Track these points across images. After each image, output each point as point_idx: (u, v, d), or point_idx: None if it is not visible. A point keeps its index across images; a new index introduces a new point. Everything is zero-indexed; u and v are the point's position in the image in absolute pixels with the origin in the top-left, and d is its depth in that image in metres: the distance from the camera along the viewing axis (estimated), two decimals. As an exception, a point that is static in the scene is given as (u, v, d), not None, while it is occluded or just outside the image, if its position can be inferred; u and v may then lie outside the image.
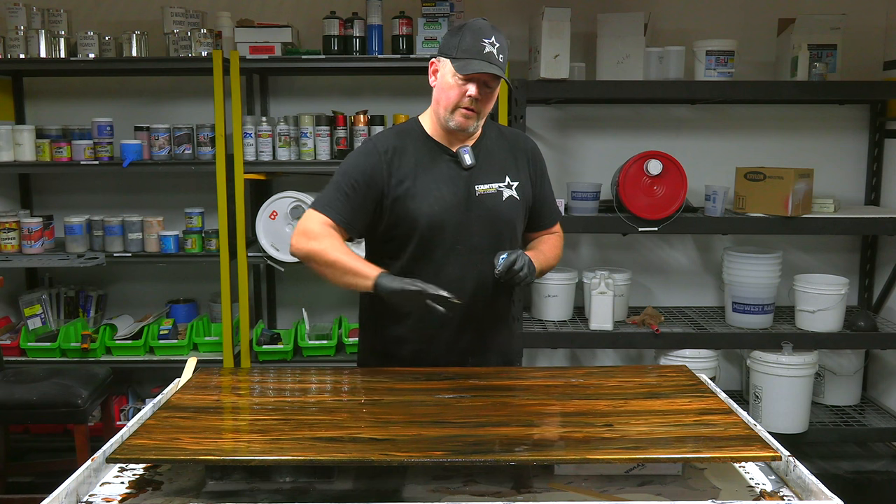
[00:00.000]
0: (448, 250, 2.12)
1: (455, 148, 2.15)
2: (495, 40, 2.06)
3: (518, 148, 2.26)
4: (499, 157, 2.20)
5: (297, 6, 4.01)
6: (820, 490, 1.48)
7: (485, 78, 2.05)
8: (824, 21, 3.77)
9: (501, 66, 2.06)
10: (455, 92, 2.06)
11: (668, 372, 2.07)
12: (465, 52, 2.04)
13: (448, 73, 2.07)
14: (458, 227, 2.11)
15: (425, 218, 2.09)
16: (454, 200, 2.11)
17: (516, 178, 2.20)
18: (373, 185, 2.11)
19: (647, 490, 1.56)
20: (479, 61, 2.02)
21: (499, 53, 2.06)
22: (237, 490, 1.56)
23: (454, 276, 2.11)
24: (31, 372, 3.33)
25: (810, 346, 3.70)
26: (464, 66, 2.03)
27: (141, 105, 4.07)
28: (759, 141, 4.08)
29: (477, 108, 2.08)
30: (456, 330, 2.15)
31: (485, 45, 2.04)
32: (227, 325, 3.77)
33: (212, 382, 2.00)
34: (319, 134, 3.71)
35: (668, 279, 4.21)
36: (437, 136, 2.16)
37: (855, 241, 4.18)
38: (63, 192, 4.16)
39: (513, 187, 2.18)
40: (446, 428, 1.63)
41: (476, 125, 2.12)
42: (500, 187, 2.16)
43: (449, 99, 2.08)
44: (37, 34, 3.68)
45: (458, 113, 2.08)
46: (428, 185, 2.11)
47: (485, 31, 2.06)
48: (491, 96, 2.09)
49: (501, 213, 2.16)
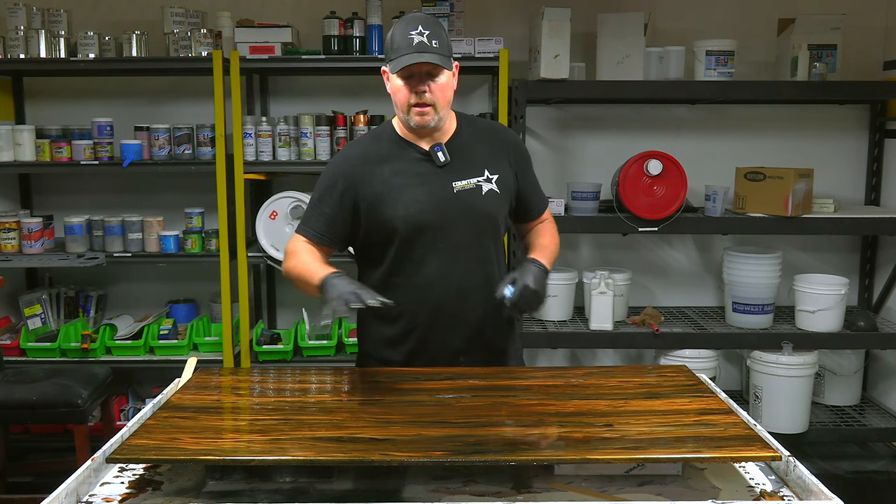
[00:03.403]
0: (429, 250, 2.09)
1: (427, 146, 2.12)
2: (423, 28, 1.99)
3: (497, 140, 2.21)
4: (476, 151, 2.15)
5: (297, 6, 4.01)
6: (820, 490, 1.48)
7: (424, 69, 2.00)
8: (824, 21, 3.77)
9: (437, 51, 1.99)
10: (402, 92, 2.04)
11: (668, 372, 2.07)
12: (395, 51, 2.01)
13: (391, 75, 2.05)
14: (437, 226, 2.09)
15: (402, 220, 2.07)
16: (431, 200, 2.08)
17: (496, 170, 2.15)
18: (346, 193, 2.10)
19: (647, 490, 1.56)
20: (409, 54, 1.98)
21: (430, 40, 1.99)
22: (237, 490, 1.56)
23: (438, 275, 2.10)
24: (31, 372, 3.33)
25: (810, 346, 3.70)
26: (395, 63, 2.00)
27: (141, 105, 4.07)
28: (759, 141, 4.08)
29: (429, 101, 2.03)
30: (446, 329, 2.13)
31: (413, 37, 1.98)
32: (227, 325, 3.77)
33: (212, 382, 2.00)
34: (319, 134, 3.71)
35: (668, 279, 4.21)
36: (408, 136, 2.13)
37: (855, 241, 4.18)
38: (63, 192, 4.16)
39: (492, 181, 2.13)
40: (446, 428, 1.63)
41: (437, 118, 2.07)
42: (478, 182, 2.12)
43: (400, 101, 2.06)
44: (37, 34, 3.68)
45: (412, 112, 2.05)
46: (403, 186, 2.08)
47: (411, 23, 2.01)
48: (441, 86, 2.04)
49: (481, 208, 2.12)
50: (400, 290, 2.10)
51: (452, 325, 2.14)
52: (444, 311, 2.12)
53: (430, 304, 2.12)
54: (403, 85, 2.03)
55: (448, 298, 2.11)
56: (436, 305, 2.12)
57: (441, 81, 2.04)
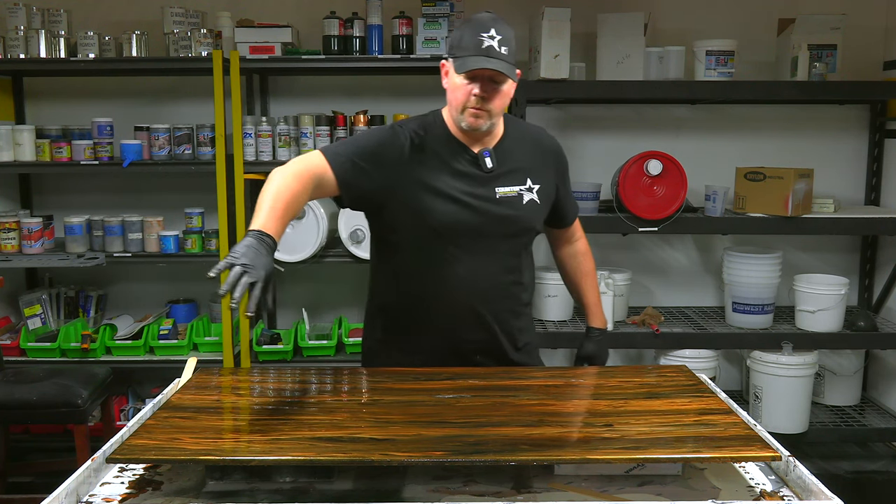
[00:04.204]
0: (460, 250, 2.07)
1: (476, 149, 2.09)
2: (495, 32, 1.95)
3: (541, 148, 2.20)
4: (520, 159, 2.13)
5: (297, 6, 4.01)
6: (820, 490, 1.48)
7: (488, 74, 1.97)
8: (824, 21, 3.77)
9: (505, 58, 1.95)
10: (461, 92, 2.00)
11: (668, 372, 2.07)
12: (463, 50, 1.97)
13: (453, 73, 2.01)
14: (475, 228, 2.06)
15: (440, 216, 2.03)
16: (473, 202, 2.05)
17: (538, 180, 2.14)
18: (388, 165, 2.03)
19: (647, 490, 1.56)
20: (477, 57, 1.94)
21: (501, 46, 1.94)
22: (237, 490, 1.56)
23: (466, 276, 2.08)
24: (31, 372, 3.33)
25: (810, 346, 3.70)
26: (461, 64, 1.97)
27: (141, 105, 4.07)
28: (759, 141, 4.08)
29: (485, 107, 2.00)
30: (466, 329, 2.12)
31: (483, 40, 1.95)
32: (227, 325, 3.77)
33: (212, 382, 2.00)
34: (319, 134, 3.71)
35: (668, 279, 4.21)
36: (458, 134, 2.09)
37: (855, 241, 4.18)
38: (63, 192, 4.16)
39: (534, 190, 2.12)
40: (446, 428, 1.63)
41: (489, 123, 2.04)
42: (520, 190, 2.10)
43: (456, 100, 2.02)
44: (37, 34, 3.69)
45: (467, 113, 2.01)
46: (447, 182, 2.05)
47: (484, 25, 1.97)
48: (500, 93, 2.00)
49: (521, 216, 2.10)
50: (425, 281, 2.09)
51: (472, 326, 2.12)
52: (467, 311, 2.10)
53: (454, 302, 2.10)
54: (464, 85, 1.99)
55: (473, 300, 2.10)
56: (459, 305, 2.10)
57: (502, 89, 2.00)
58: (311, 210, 3.64)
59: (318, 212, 3.64)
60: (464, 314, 2.10)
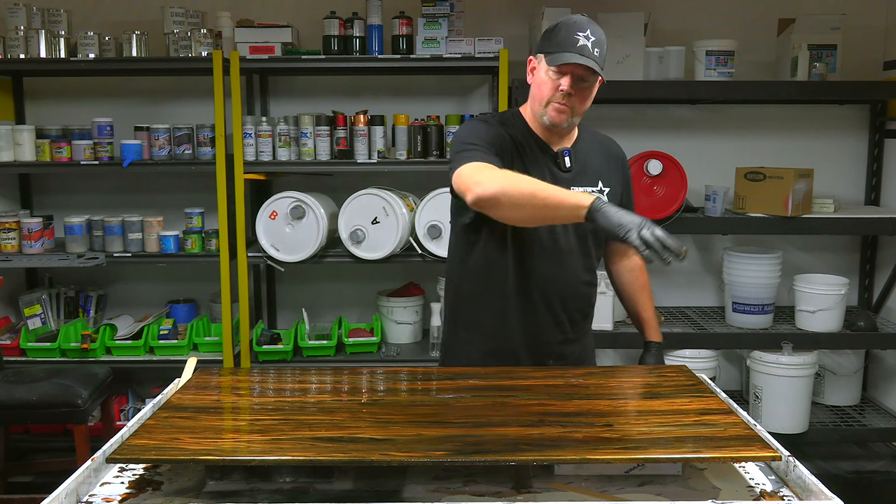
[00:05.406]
0: (536, 247, 2.11)
1: (555, 147, 2.13)
2: (590, 34, 2.00)
3: (611, 154, 2.26)
4: (594, 161, 2.19)
5: (297, 6, 4.01)
6: (820, 490, 1.48)
7: (578, 72, 2.00)
8: (824, 21, 3.77)
9: (597, 59, 2.00)
10: (548, 86, 2.03)
11: (668, 372, 2.07)
12: (557, 46, 2.00)
13: (542, 67, 2.05)
14: (552, 226, 2.10)
15: None
16: None
17: (608, 184, 2.19)
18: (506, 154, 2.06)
19: (647, 490, 1.56)
20: (572, 53, 1.98)
21: (594, 47, 1.99)
22: (237, 490, 1.56)
23: (543, 275, 2.12)
24: (31, 372, 3.33)
25: (810, 346, 3.70)
26: (555, 57, 2.00)
27: (141, 105, 4.07)
28: (759, 141, 4.08)
29: (570, 104, 2.03)
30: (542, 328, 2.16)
31: (578, 38, 1.98)
32: (227, 325, 3.77)
33: (212, 382, 2.00)
34: (319, 134, 3.71)
35: (668, 279, 4.21)
36: (538, 132, 2.14)
37: (855, 241, 4.18)
38: (63, 192, 4.16)
39: (605, 193, 2.17)
40: (446, 428, 1.63)
41: (570, 121, 2.08)
42: (593, 192, 2.14)
43: (542, 93, 2.05)
44: (37, 34, 3.68)
45: (551, 107, 2.05)
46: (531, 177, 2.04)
47: (580, 25, 2.01)
48: (586, 93, 2.05)
49: None
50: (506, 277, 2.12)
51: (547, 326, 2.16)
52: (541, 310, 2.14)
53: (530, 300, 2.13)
54: (553, 80, 2.02)
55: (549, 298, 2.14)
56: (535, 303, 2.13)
57: (589, 89, 2.05)
58: (311, 210, 3.64)
59: (318, 212, 3.64)
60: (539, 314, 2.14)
